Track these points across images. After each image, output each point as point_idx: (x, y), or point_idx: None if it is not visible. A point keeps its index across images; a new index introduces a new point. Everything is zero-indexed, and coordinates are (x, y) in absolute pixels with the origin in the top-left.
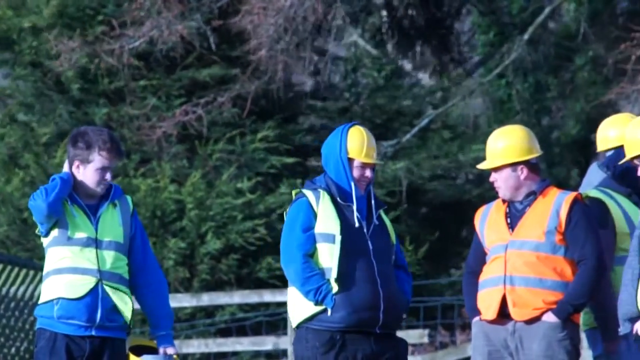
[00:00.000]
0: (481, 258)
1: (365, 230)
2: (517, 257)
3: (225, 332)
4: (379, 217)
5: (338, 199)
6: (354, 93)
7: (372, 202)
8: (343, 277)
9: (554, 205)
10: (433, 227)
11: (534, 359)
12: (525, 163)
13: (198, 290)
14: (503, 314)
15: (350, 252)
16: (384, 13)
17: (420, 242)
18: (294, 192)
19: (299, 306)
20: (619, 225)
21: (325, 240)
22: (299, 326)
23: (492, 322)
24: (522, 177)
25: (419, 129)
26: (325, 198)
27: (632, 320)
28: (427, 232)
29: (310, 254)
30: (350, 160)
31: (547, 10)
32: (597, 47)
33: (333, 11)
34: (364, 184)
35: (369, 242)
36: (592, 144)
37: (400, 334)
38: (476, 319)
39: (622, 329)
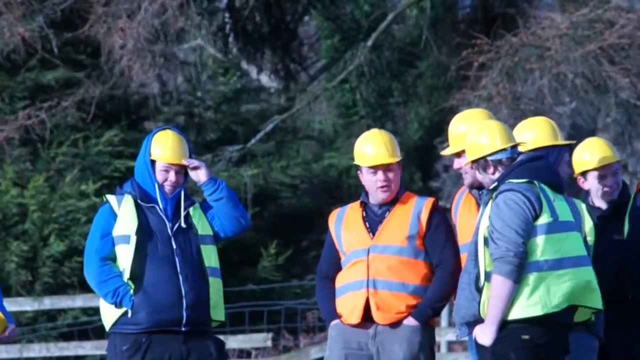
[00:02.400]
0: (335, 263)
1: (169, 230)
2: (379, 261)
3: (67, 336)
4: (188, 216)
5: (139, 201)
6: (199, 98)
7: (182, 203)
8: (141, 277)
9: (414, 210)
10: (282, 233)
11: None
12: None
13: (40, 293)
14: (365, 318)
15: (149, 252)
16: (228, 17)
17: (282, 244)
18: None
19: (105, 311)
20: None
21: (123, 242)
22: (110, 332)
23: (352, 324)
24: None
25: (265, 135)
26: (127, 201)
27: (469, 325)
28: (279, 238)
29: (110, 258)
30: (154, 162)
31: (390, 16)
32: (439, 53)
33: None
34: (169, 187)
35: (173, 242)
36: (435, 148)
37: (244, 337)
38: (335, 321)
39: (460, 334)
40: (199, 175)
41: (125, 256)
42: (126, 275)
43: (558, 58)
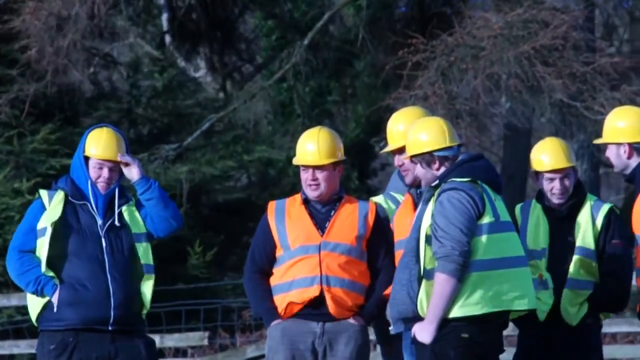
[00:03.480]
0: (271, 256)
1: (99, 228)
2: (331, 258)
3: (2, 335)
4: (122, 214)
5: (70, 197)
6: (135, 95)
7: (116, 200)
8: (62, 271)
9: (359, 211)
10: (216, 229)
11: None
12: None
13: None
14: (313, 314)
15: (77, 249)
16: (166, 14)
17: (206, 245)
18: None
19: (30, 304)
20: None
21: (41, 235)
22: (39, 330)
23: (298, 322)
24: (338, 176)
25: (202, 132)
26: (59, 197)
27: (405, 321)
28: (211, 234)
29: (31, 251)
30: (87, 159)
31: (327, 15)
32: (376, 52)
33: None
34: (102, 183)
35: (103, 240)
36: (372, 147)
37: (180, 336)
38: (277, 321)
39: (394, 328)
40: (132, 173)
41: (41, 248)
42: (42, 267)
43: (492, 58)
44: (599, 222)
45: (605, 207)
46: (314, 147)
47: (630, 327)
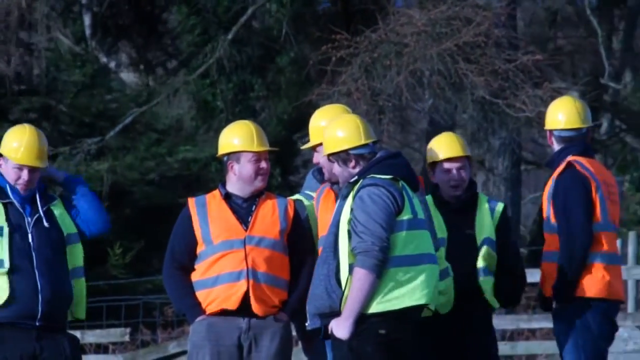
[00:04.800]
0: (193, 252)
1: (27, 225)
2: (257, 253)
3: None
4: (49, 213)
5: None
6: (56, 90)
7: (37, 201)
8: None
9: (279, 206)
10: (138, 229)
11: (266, 356)
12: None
13: None
14: (240, 310)
15: (10, 246)
16: (87, 8)
17: (127, 246)
18: None
19: None
20: (313, 217)
21: None
22: None
23: (224, 319)
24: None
25: (124, 128)
26: None
27: (322, 316)
28: (134, 234)
29: None
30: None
31: (250, 10)
32: (299, 48)
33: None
34: (21, 185)
35: (30, 237)
36: (295, 143)
37: (101, 332)
38: (202, 317)
39: (310, 324)
40: (57, 179)
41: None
42: (6, 265)
43: (416, 55)
44: (497, 218)
45: (500, 205)
46: (258, 136)
47: (550, 324)
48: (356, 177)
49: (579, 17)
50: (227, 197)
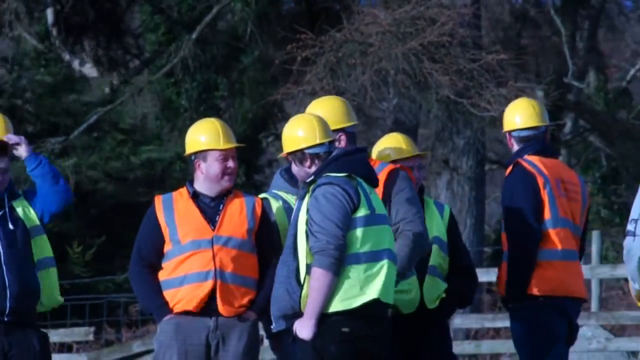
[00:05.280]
0: (160, 250)
1: None
2: (224, 253)
3: None
4: (13, 210)
5: None
6: (19, 89)
7: (5, 199)
8: None
9: (247, 205)
10: (102, 228)
11: (233, 355)
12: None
13: None
14: (206, 310)
15: None
16: (51, 8)
17: (89, 244)
18: None
19: None
20: (282, 221)
21: None
22: None
23: (191, 318)
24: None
25: (89, 127)
26: None
27: (286, 318)
28: (97, 233)
29: None
30: None
31: (214, 9)
32: (264, 47)
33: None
34: None
35: None
36: (260, 142)
37: (65, 331)
38: (169, 316)
39: (275, 326)
40: (20, 151)
41: None
42: None
43: (380, 54)
44: (447, 218)
45: (447, 207)
46: (225, 134)
47: None
48: (312, 177)
49: (543, 16)
50: (195, 195)
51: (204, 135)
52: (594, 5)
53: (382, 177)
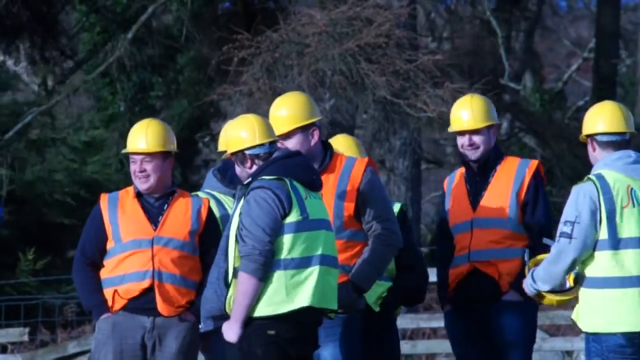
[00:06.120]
0: (103, 249)
1: None
2: (164, 253)
3: None
4: None
5: None
6: None
7: None
8: None
9: (192, 206)
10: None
11: (169, 356)
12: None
13: None
14: (144, 309)
15: None
16: None
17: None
18: None
19: None
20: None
21: None
22: None
23: (129, 317)
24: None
25: (23, 128)
26: None
27: (214, 319)
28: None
29: None
30: None
31: (150, 9)
32: (200, 47)
33: None
34: None
35: None
36: (196, 143)
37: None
38: (107, 315)
39: (203, 326)
40: None
41: None
42: None
43: (317, 55)
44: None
45: (396, 206)
46: (142, 135)
47: None
48: (250, 179)
49: (479, 17)
50: (140, 195)
51: (129, 136)
52: (528, 7)
53: (359, 169)
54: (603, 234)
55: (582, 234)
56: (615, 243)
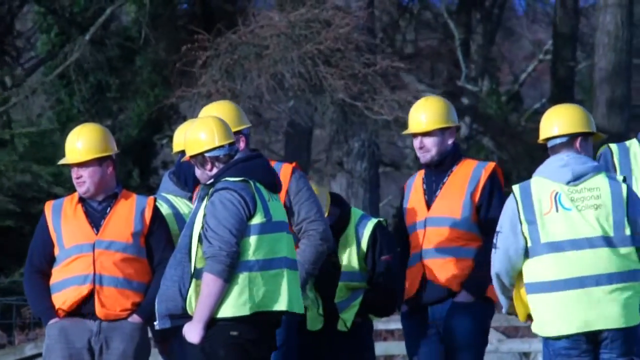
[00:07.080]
0: (50, 256)
1: None
2: (106, 257)
3: None
4: None
5: None
6: None
7: None
8: None
9: (136, 207)
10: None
11: (117, 359)
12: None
13: None
14: (88, 313)
15: None
16: None
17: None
18: None
19: None
20: (172, 227)
21: None
22: None
23: (76, 321)
24: (108, 172)
25: None
26: None
27: (172, 317)
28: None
29: None
30: None
31: (108, 10)
32: (158, 48)
33: None
34: None
35: None
36: (154, 145)
37: None
38: (54, 320)
39: (159, 324)
40: None
41: None
42: None
43: (276, 57)
44: (365, 242)
45: (370, 225)
46: (74, 144)
47: None
48: (212, 180)
49: (437, 20)
50: (82, 200)
51: (65, 145)
52: (487, 9)
53: (285, 175)
54: (528, 241)
55: (503, 243)
56: (540, 249)
